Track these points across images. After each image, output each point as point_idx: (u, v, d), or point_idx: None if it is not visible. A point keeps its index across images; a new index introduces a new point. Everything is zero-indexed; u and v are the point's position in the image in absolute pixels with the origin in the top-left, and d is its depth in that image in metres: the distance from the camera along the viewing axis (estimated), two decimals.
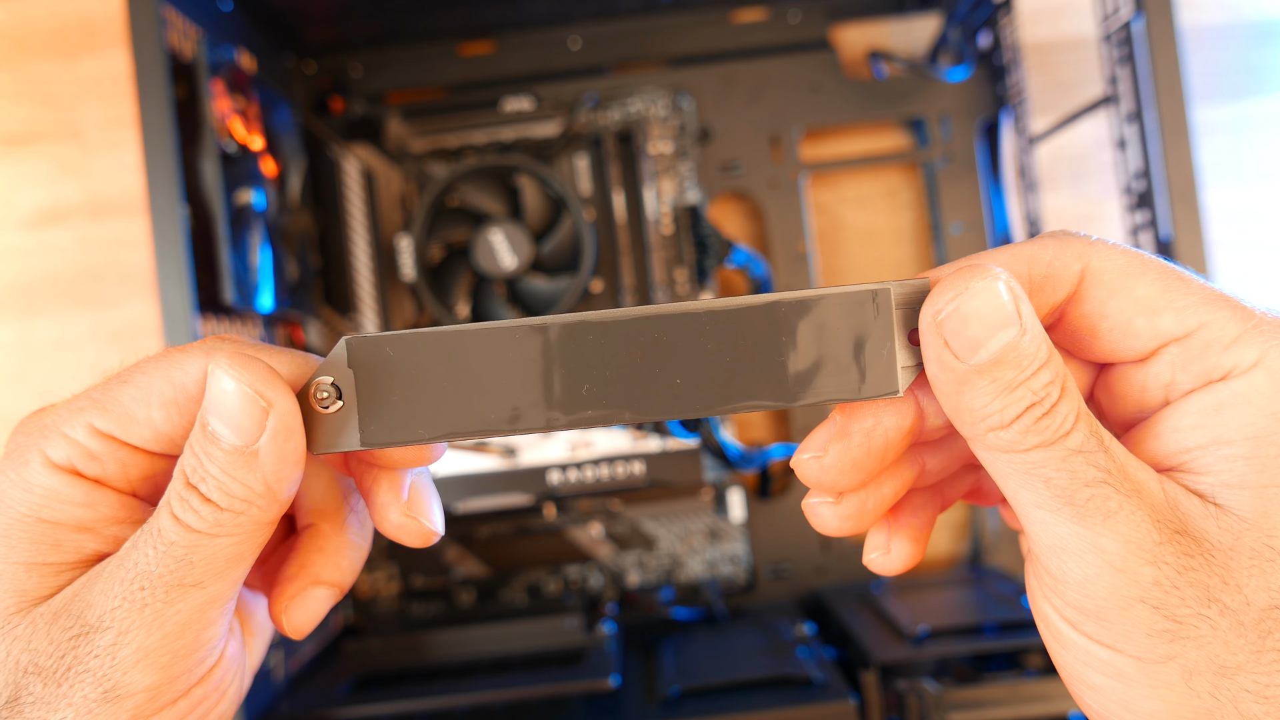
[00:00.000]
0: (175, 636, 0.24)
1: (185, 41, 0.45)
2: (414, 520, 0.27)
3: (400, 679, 0.47)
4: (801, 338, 0.23)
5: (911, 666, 0.45)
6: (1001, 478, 0.23)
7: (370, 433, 0.24)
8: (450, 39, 0.59)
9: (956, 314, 0.21)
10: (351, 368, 0.24)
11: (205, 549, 0.24)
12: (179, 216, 0.42)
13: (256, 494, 0.24)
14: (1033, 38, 0.60)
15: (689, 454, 0.51)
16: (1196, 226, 0.43)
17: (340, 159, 0.56)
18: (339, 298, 0.57)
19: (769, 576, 0.58)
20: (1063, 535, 0.22)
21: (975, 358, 0.21)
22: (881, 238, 0.62)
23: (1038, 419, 0.22)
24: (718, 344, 0.23)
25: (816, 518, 0.25)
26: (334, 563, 0.28)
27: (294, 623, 0.28)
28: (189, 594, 0.24)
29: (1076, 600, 0.22)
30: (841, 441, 0.24)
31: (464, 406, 0.23)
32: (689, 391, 0.23)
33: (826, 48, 0.59)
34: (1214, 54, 0.62)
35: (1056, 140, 0.60)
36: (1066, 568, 0.22)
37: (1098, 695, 0.23)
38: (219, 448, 0.23)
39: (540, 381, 0.23)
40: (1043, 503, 0.22)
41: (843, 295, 0.23)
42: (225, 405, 0.23)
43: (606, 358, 0.23)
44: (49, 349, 0.61)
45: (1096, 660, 0.23)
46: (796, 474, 0.25)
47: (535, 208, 0.54)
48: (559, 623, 0.50)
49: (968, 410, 0.22)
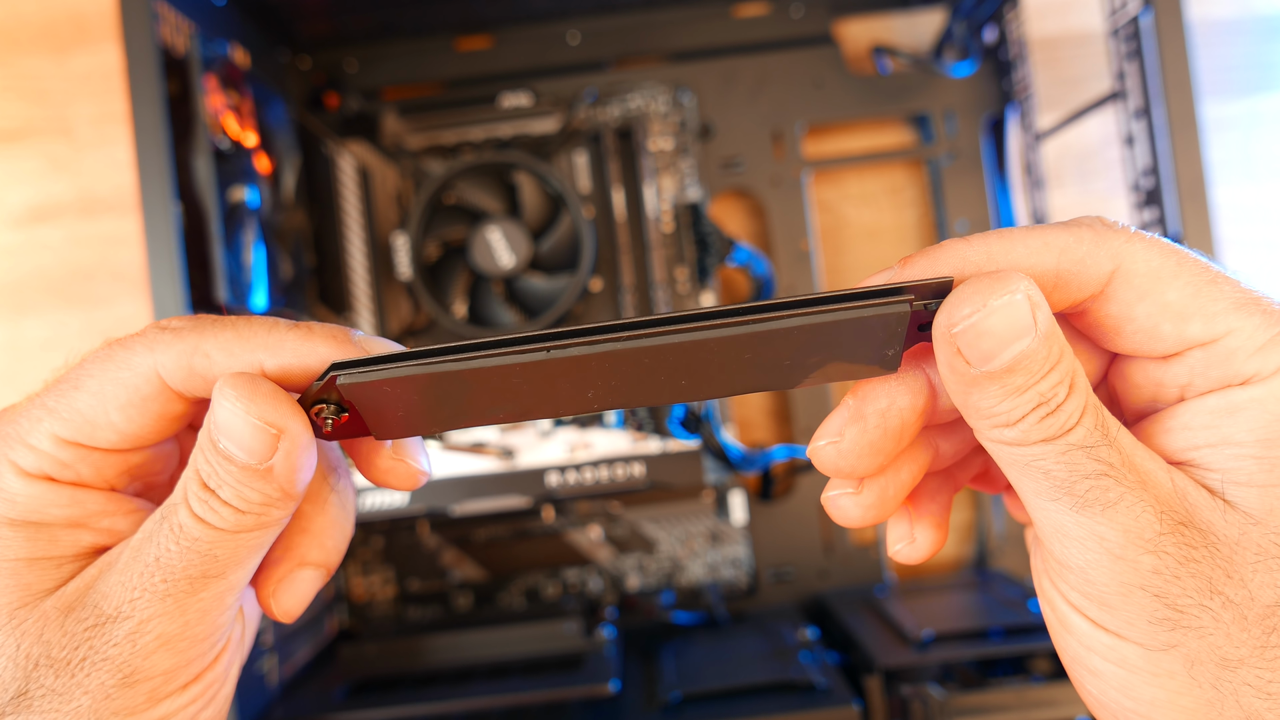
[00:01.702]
0: (195, 623, 0.25)
1: (178, 36, 0.45)
2: (401, 463, 0.27)
3: (396, 684, 0.47)
4: (811, 348, 0.23)
5: (916, 671, 0.45)
6: (1005, 466, 0.23)
7: (381, 433, 0.25)
8: (447, 33, 0.59)
9: (973, 330, 0.21)
10: (349, 400, 0.24)
11: (229, 544, 0.24)
12: (171, 214, 0.42)
13: (274, 499, 0.24)
14: (1039, 32, 0.60)
15: (690, 455, 0.51)
16: (1206, 224, 0.43)
17: (335, 156, 0.56)
18: (334, 297, 0.56)
19: (771, 580, 0.58)
20: (1064, 523, 0.22)
21: (987, 366, 0.22)
22: (885, 236, 0.62)
23: (1043, 417, 0.22)
24: (725, 359, 0.23)
25: (837, 509, 0.25)
26: (318, 543, 0.28)
27: (282, 605, 0.28)
28: (211, 584, 0.25)
29: (1080, 585, 0.23)
30: (857, 424, 0.24)
31: (467, 410, 0.24)
32: (689, 387, 0.23)
33: (829, 42, 0.59)
34: (1223, 49, 0.62)
35: (1063, 137, 0.60)
36: (1069, 554, 0.23)
37: (1099, 681, 0.23)
38: (233, 464, 0.24)
39: (544, 396, 0.23)
40: (1044, 492, 0.22)
41: (861, 319, 0.22)
42: (235, 431, 0.23)
43: (611, 375, 0.23)
44: (39, 349, 0.61)
45: (1100, 645, 0.23)
46: (814, 462, 0.25)
47: (533, 205, 0.54)
48: (557, 627, 0.50)
49: (974, 408, 0.22)
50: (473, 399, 0.23)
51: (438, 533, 0.58)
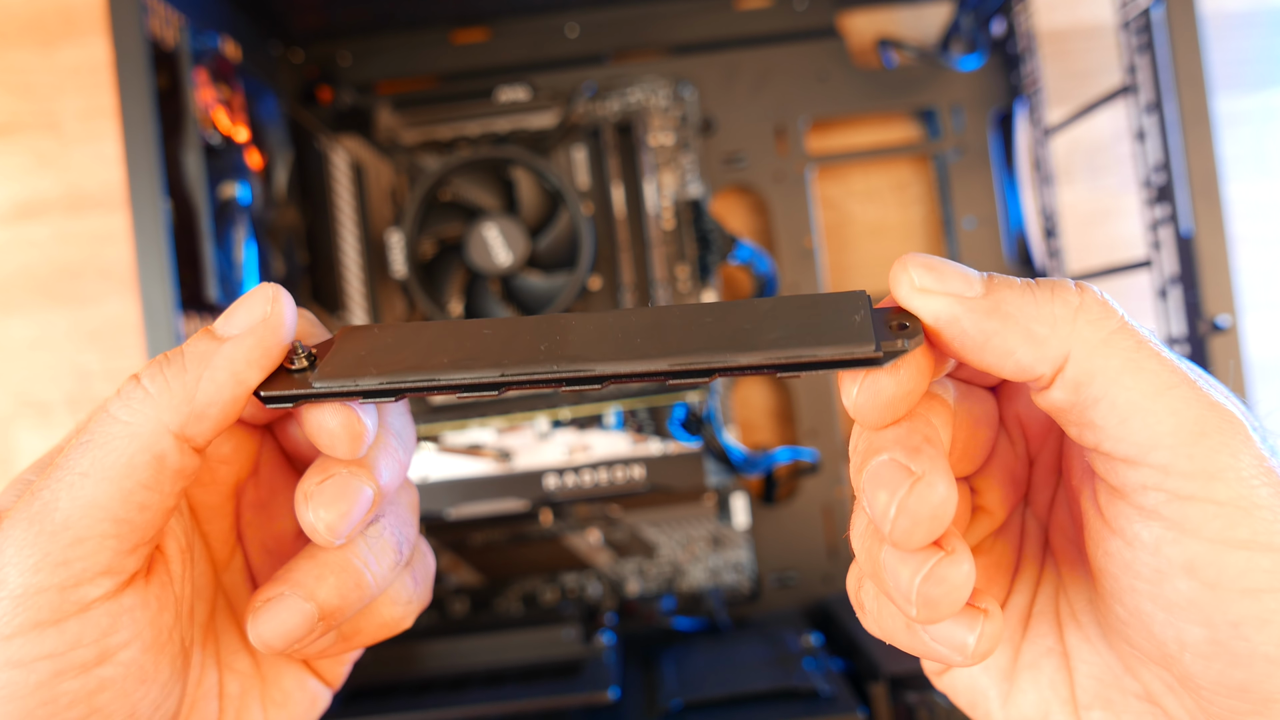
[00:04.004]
0: (49, 536, 0.24)
1: (167, 29, 0.45)
2: (302, 503, 0.27)
3: (391, 692, 0.47)
4: (780, 323, 0.24)
5: (923, 679, 0.45)
6: (1115, 377, 0.23)
7: (321, 376, 0.25)
8: (443, 26, 0.59)
9: (918, 259, 0.24)
10: (334, 343, 0.26)
11: (104, 432, 0.25)
12: (160, 211, 0.42)
13: (184, 383, 0.25)
14: (1048, 25, 0.60)
15: (691, 457, 0.51)
16: (1218, 221, 0.43)
17: (328, 151, 0.56)
18: (327, 295, 0.57)
19: (774, 585, 0.58)
20: (1197, 415, 0.22)
21: (975, 280, 0.24)
22: (891, 233, 0.62)
23: (1100, 300, 0.23)
24: (695, 325, 0.25)
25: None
26: (320, 575, 0.26)
27: (259, 629, 0.26)
28: (74, 485, 0.24)
29: (1166, 458, 0.22)
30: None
31: (420, 363, 0.25)
32: (658, 350, 0.24)
33: (834, 35, 0.59)
34: (1237, 41, 0.62)
35: (1073, 131, 0.60)
36: (1209, 450, 0.22)
37: (1185, 613, 0.23)
38: (203, 332, 0.26)
39: (502, 347, 0.25)
40: (1166, 383, 0.23)
41: (817, 296, 0.25)
42: (241, 300, 0.26)
43: (577, 334, 0.25)
44: (25, 349, 0.61)
45: (1179, 558, 0.22)
46: (852, 412, 0.24)
47: (531, 202, 0.54)
48: (556, 633, 0.50)
49: (1033, 320, 0.23)
50: (435, 354, 0.25)
51: (433, 537, 0.58)
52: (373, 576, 0.27)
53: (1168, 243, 0.46)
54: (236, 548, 0.31)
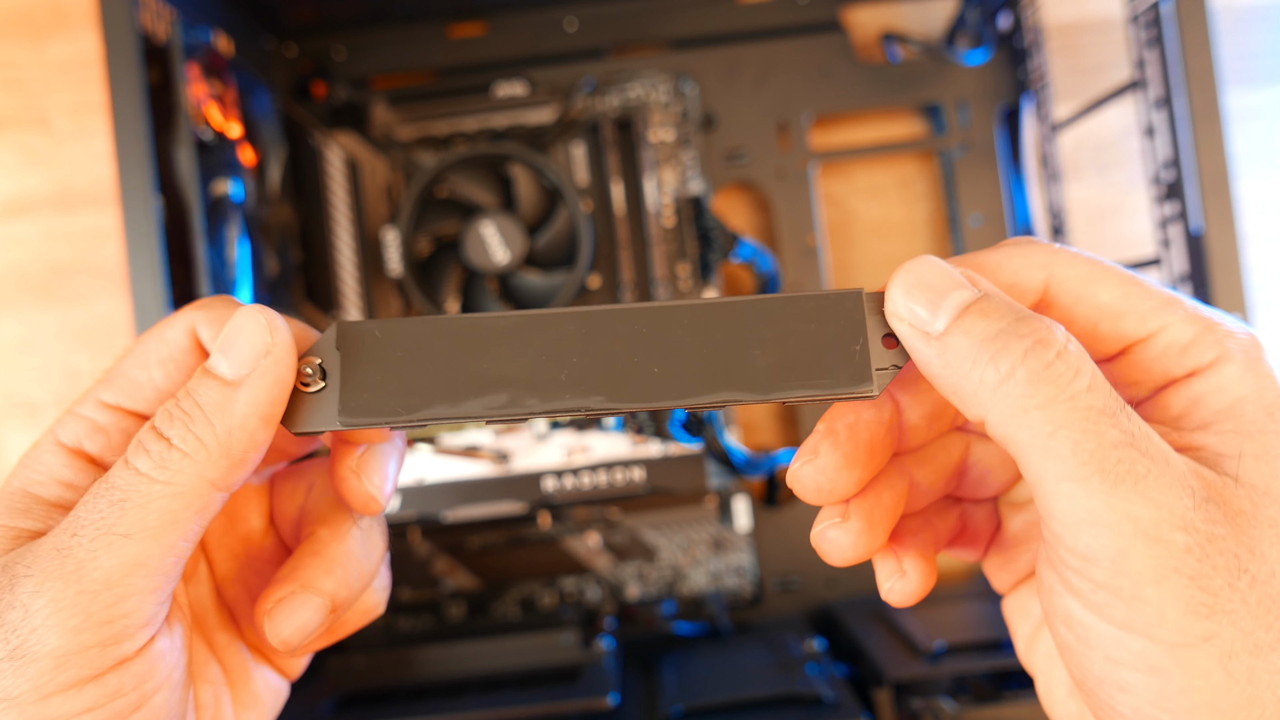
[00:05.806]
0: (90, 596, 0.24)
1: (158, 23, 0.45)
2: (358, 479, 0.29)
3: (386, 698, 0.47)
4: (777, 336, 0.26)
5: (927, 684, 0.45)
6: (1024, 453, 0.23)
7: (349, 411, 0.26)
8: (439, 20, 0.59)
9: (908, 289, 0.25)
10: (339, 350, 0.26)
11: (142, 493, 0.24)
12: (152, 208, 0.42)
13: (216, 437, 0.25)
14: (1056, 19, 0.60)
15: (692, 459, 0.51)
16: (1229, 218, 0.43)
17: (323, 147, 0.56)
18: (321, 294, 0.56)
19: (776, 589, 0.58)
20: (1092, 507, 0.22)
21: (940, 318, 0.24)
22: (896, 230, 0.62)
23: (1046, 365, 0.23)
24: (695, 337, 0.26)
25: (826, 542, 0.27)
26: (328, 568, 0.28)
27: (277, 629, 0.27)
28: (114, 545, 0.24)
29: (1108, 579, 0.23)
30: (829, 439, 0.27)
31: (443, 392, 0.26)
32: (665, 382, 0.26)
33: (837, 29, 0.59)
34: (1248, 36, 0.62)
35: (1081, 127, 0.60)
36: (1098, 543, 0.22)
37: (1131, 698, 0.23)
38: (210, 378, 0.25)
39: (518, 368, 0.26)
40: (1069, 473, 0.22)
41: (816, 298, 0.26)
42: (234, 332, 0.25)
43: (585, 346, 0.26)
44: (14, 348, 0.61)
45: (1128, 654, 0.23)
46: (794, 488, 0.27)
47: (529, 199, 0.54)
48: (554, 638, 0.50)
49: (963, 379, 0.24)
50: (452, 372, 0.26)
51: (429, 540, 0.58)
52: (370, 565, 0.30)
53: (1177, 240, 0.46)
54: (200, 557, 0.31)
